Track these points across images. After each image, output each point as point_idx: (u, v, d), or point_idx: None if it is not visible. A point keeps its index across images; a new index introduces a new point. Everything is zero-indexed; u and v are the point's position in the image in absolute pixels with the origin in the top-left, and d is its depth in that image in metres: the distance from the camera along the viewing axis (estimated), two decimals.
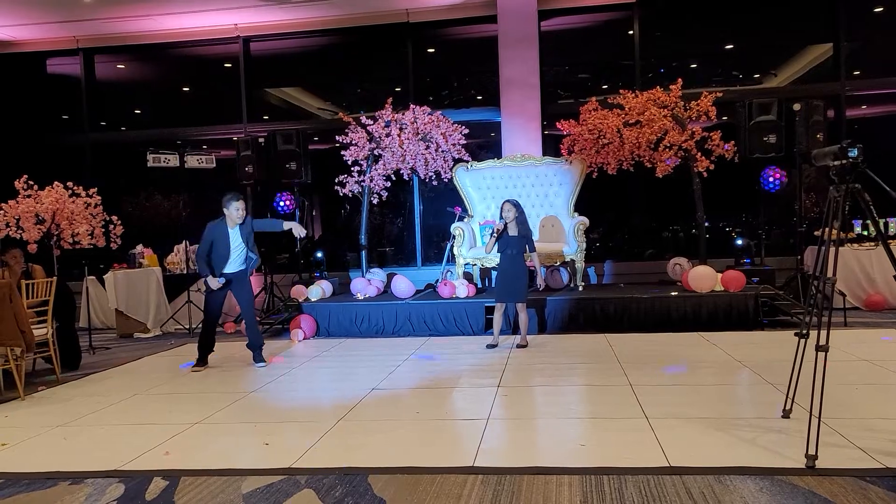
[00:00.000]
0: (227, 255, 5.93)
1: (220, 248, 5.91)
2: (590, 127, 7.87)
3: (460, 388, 5.07)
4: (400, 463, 3.42)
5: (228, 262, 5.95)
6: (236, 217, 5.88)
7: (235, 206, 5.87)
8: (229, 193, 5.94)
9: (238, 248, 5.96)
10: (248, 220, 6.00)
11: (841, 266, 3.06)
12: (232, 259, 5.96)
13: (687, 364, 5.47)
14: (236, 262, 5.99)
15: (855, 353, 5.49)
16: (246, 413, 4.58)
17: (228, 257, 5.94)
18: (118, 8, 9.31)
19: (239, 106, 10.37)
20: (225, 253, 5.92)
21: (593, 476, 3.15)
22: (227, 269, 5.97)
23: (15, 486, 3.38)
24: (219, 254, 5.92)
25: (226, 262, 5.94)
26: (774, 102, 7.84)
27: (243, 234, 5.95)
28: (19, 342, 5.17)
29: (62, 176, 7.90)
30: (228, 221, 5.92)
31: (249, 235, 6.00)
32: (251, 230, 6.01)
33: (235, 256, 5.97)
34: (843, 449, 3.35)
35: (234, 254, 5.95)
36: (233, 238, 5.93)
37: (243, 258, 6.01)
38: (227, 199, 5.89)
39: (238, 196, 5.93)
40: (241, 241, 5.95)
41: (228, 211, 5.88)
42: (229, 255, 5.94)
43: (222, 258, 5.93)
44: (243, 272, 6.06)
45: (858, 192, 3.35)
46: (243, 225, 5.95)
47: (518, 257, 6.28)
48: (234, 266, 6.00)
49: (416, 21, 9.80)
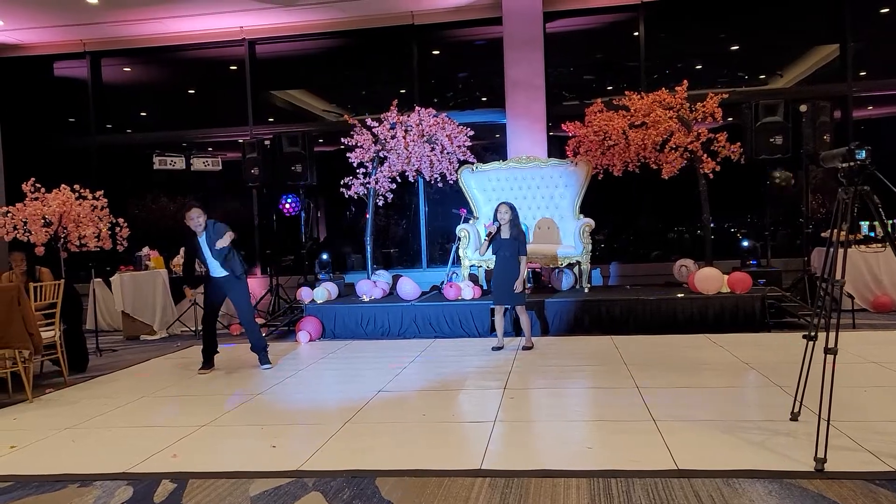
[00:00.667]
0: (205, 262, 6.08)
1: (199, 255, 6.08)
2: (595, 128, 7.87)
3: (466, 390, 5.07)
4: (407, 465, 3.42)
5: (210, 267, 6.08)
6: (194, 227, 5.97)
7: (190, 216, 5.97)
8: (188, 204, 6.12)
9: (209, 255, 6.03)
10: (211, 224, 6.02)
11: (849, 268, 3.04)
12: (212, 265, 6.07)
13: (694, 366, 5.46)
14: (218, 268, 6.06)
15: (863, 356, 5.47)
16: (253, 415, 4.59)
17: (207, 264, 6.08)
18: (125, 11, 9.35)
19: (244, 108, 10.40)
20: (203, 260, 6.08)
21: (601, 479, 3.15)
22: (212, 273, 6.09)
23: (24, 489, 3.39)
24: (202, 261, 6.10)
25: (209, 267, 6.09)
26: (781, 104, 7.82)
27: (209, 242, 5.99)
28: (27, 344, 5.18)
29: (69, 178, 7.91)
30: (197, 231, 6.00)
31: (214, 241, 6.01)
32: (216, 236, 5.99)
33: (213, 263, 6.05)
34: (853, 452, 3.33)
35: (210, 261, 6.05)
36: (203, 246, 6.03)
37: (220, 264, 6.04)
38: (185, 210, 6.05)
39: (193, 205, 6.05)
40: (209, 251, 5.99)
41: (186, 221, 5.99)
42: (207, 262, 6.07)
43: (205, 265, 6.10)
44: (230, 277, 6.07)
45: (867, 194, 3.34)
46: (209, 231, 5.99)
47: (512, 259, 6.27)
48: (217, 272, 6.08)
49: (421, 23, 9.82)
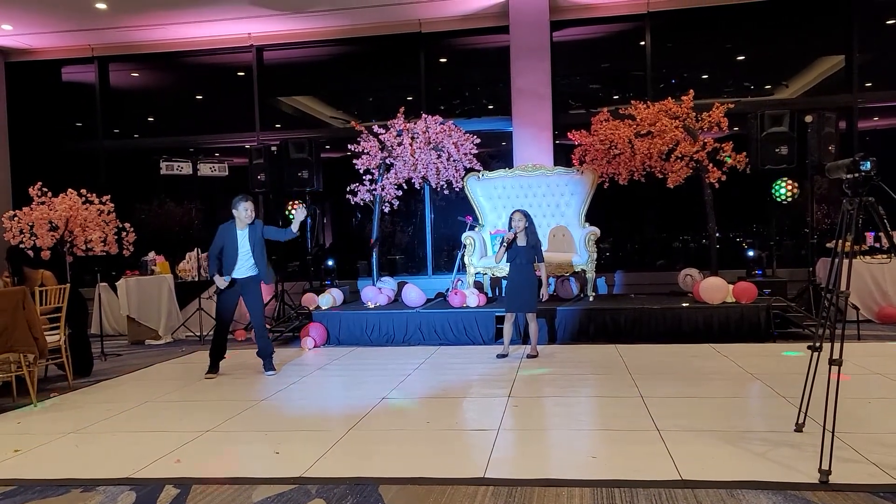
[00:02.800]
0: (235, 258, 5.93)
1: (229, 250, 5.93)
2: (601, 137, 7.87)
3: (471, 398, 5.07)
4: (411, 473, 3.42)
5: (237, 265, 5.95)
6: (245, 217, 5.90)
7: (244, 206, 5.89)
8: (239, 195, 5.99)
9: (246, 253, 5.96)
10: (259, 223, 6.00)
11: (853, 279, 3.03)
12: (240, 263, 5.95)
13: (698, 376, 5.44)
14: (245, 267, 5.97)
15: (868, 367, 5.45)
16: (257, 421, 4.59)
17: (237, 260, 5.94)
18: (133, 17, 9.42)
19: (252, 114, 10.44)
20: (233, 255, 5.92)
21: (605, 489, 3.14)
22: (235, 273, 5.96)
23: (27, 493, 3.39)
24: (228, 256, 5.94)
25: (234, 265, 5.94)
26: (786, 114, 7.81)
27: (252, 239, 5.94)
28: (32, 349, 5.20)
29: (76, 183, 7.96)
30: (238, 223, 5.94)
31: (259, 242, 5.98)
32: (261, 235, 6.00)
33: (244, 261, 5.96)
34: (857, 464, 3.32)
35: (242, 258, 5.94)
36: (241, 241, 5.93)
37: (252, 264, 6.00)
38: (237, 200, 5.93)
39: (247, 197, 5.96)
40: (248, 247, 5.94)
41: (237, 211, 5.91)
42: (237, 258, 5.93)
43: (231, 261, 5.93)
44: (253, 279, 6.03)
45: (872, 205, 3.34)
46: (253, 227, 5.95)
47: (528, 267, 6.28)
48: (243, 271, 5.98)
49: (428, 31, 9.86)
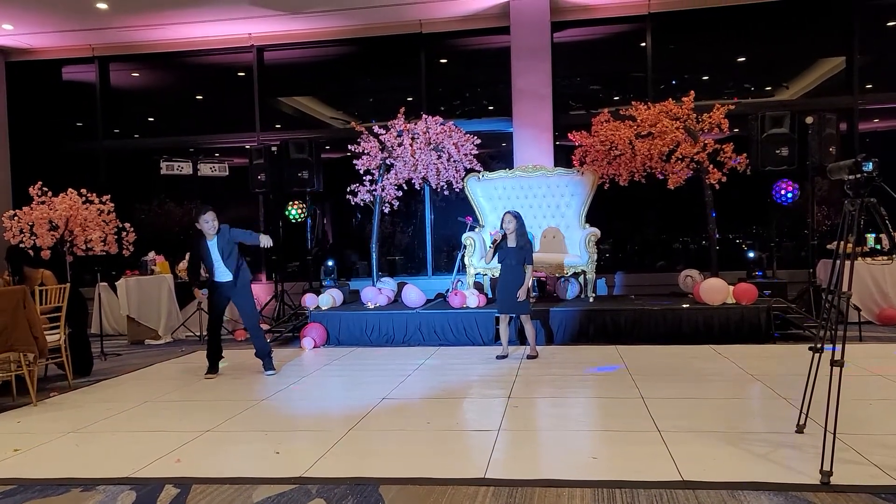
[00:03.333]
0: (211, 266, 6.04)
1: (205, 259, 6.06)
2: (602, 138, 7.87)
3: (471, 398, 5.07)
4: (411, 473, 3.42)
5: (216, 272, 6.06)
6: (209, 229, 5.95)
7: (204, 219, 5.94)
8: (201, 207, 6.05)
9: (218, 260, 6.02)
10: (225, 229, 6.03)
11: (854, 280, 3.02)
12: (218, 269, 6.05)
13: (699, 377, 5.44)
14: (224, 272, 6.05)
15: (869, 368, 5.45)
16: (257, 421, 4.58)
17: (214, 268, 6.04)
18: (134, 17, 9.41)
19: (252, 114, 10.44)
20: (210, 264, 6.05)
21: (605, 489, 3.13)
22: (217, 277, 6.07)
23: (27, 493, 3.39)
24: (207, 266, 6.07)
25: (214, 271, 6.06)
26: (787, 115, 7.81)
27: (220, 245, 5.99)
28: (32, 348, 5.19)
29: (76, 183, 7.96)
30: (206, 235, 5.99)
31: (228, 245, 6.01)
32: (229, 239, 6.02)
33: (219, 267, 6.04)
34: (858, 465, 3.32)
35: (217, 265, 6.03)
36: (212, 249, 6.01)
37: (225, 269, 6.04)
38: (197, 213, 6.02)
39: (207, 208, 6.00)
40: (218, 254, 5.99)
41: (199, 224, 5.97)
42: (213, 266, 6.04)
43: (211, 269, 6.06)
44: (234, 282, 6.07)
45: (874, 206, 3.34)
46: (220, 235, 5.99)
47: (517, 268, 6.27)
48: (223, 276, 6.06)
49: (428, 32, 9.86)
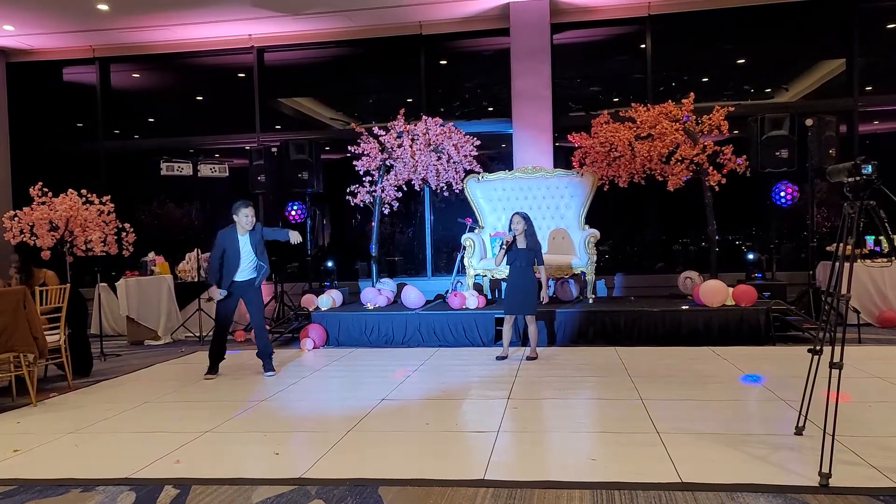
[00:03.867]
0: (237, 262, 5.95)
1: (230, 255, 5.94)
2: (601, 140, 7.88)
3: (470, 399, 5.07)
4: (410, 475, 3.42)
5: (239, 269, 5.97)
6: (245, 223, 5.91)
7: (244, 213, 5.90)
8: (239, 200, 5.98)
9: (248, 256, 5.98)
10: (259, 227, 6.01)
11: (853, 282, 3.02)
12: (242, 267, 5.98)
13: (698, 379, 5.44)
14: (247, 270, 6.01)
15: (868, 370, 5.45)
16: (256, 422, 4.59)
17: (239, 265, 5.96)
18: (134, 18, 9.42)
19: (252, 115, 10.45)
20: (236, 260, 5.95)
21: (604, 491, 3.14)
22: (237, 276, 5.99)
23: (27, 493, 3.39)
24: (230, 261, 5.95)
25: (237, 269, 5.96)
26: (787, 117, 7.82)
27: (253, 242, 5.96)
28: (32, 348, 5.20)
29: (77, 183, 7.97)
30: (238, 228, 5.94)
31: (259, 243, 6.01)
32: (261, 237, 6.03)
33: (246, 264, 5.99)
34: (857, 467, 3.32)
35: (244, 261, 5.97)
36: (242, 245, 5.95)
37: (254, 266, 6.03)
38: (237, 206, 5.93)
39: (247, 203, 5.96)
40: (250, 249, 5.97)
41: (238, 217, 5.92)
42: (240, 262, 5.96)
43: (233, 265, 5.95)
44: (253, 280, 6.07)
45: (873, 209, 3.34)
46: (253, 232, 5.96)
47: (527, 269, 6.28)
48: (245, 274, 6.02)
49: (428, 33, 9.87)
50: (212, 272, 6.05)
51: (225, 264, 5.96)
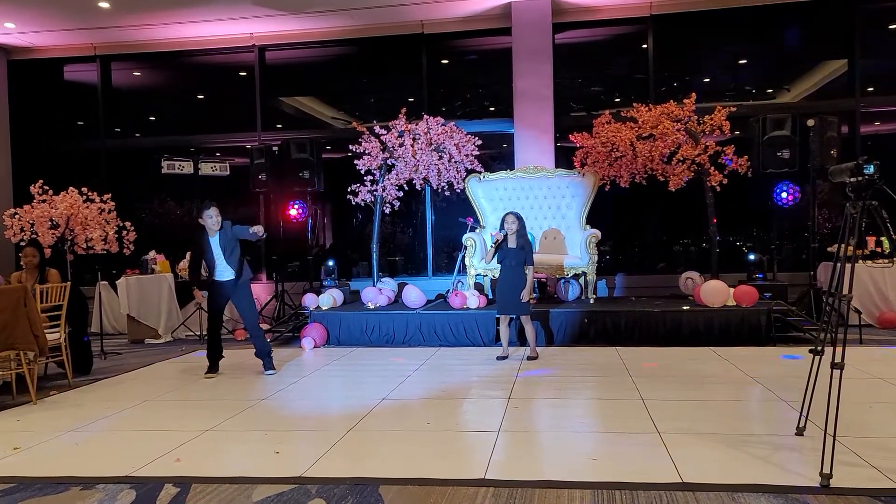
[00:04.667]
0: (213, 263, 6.02)
1: (207, 256, 6.02)
2: (603, 140, 7.87)
3: (471, 399, 5.07)
4: (411, 474, 3.42)
5: (217, 270, 6.04)
6: (212, 224, 5.94)
7: (208, 214, 5.93)
8: (204, 202, 6.04)
9: (220, 257, 6.01)
10: (227, 226, 6.02)
11: (855, 283, 3.02)
12: (219, 268, 6.03)
13: (699, 379, 5.44)
14: (225, 271, 6.04)
15: (869, 371, 5.45)
16: (256, 421, 4.58)
17: (216, 265, 6.03)
18: (136, 16, 9.42)
19: (253, 114, 10.45)
20: (212, 261, 6.02)
21: (605, 491, 3.13)
22: (217, 276, 6.06)
23: (27, 491, 3.39)
24: (208, 263, 6.04)
25: (214, 269, 6.04)
26: (788, 118, 7.82)
27: (222, 243, 5.98)
28: (32, 346, 5.19)
29: (77, 181, 7.95)
30: (208, 230, 5.98)
31: (230, 242, 6.01)
32: (231, 237, 6.02)
33: (221, 265, 6.03)
34: (858, 468, 3.31)
35: (219, 262, 6.02)
36: (214, 246, 6.00)
37: (227, 266, 6.04)
38: (201, 209, 5.99)
39: (210, 204, 5.99)
40: (220, 251, 5.98)
41: (203, 220, 5.96)
42: (215, 263, 6.02)
43: (211, 266, 6.04)
44: (235, 281, 6.06)
45: (875, 209, 3.34)
46: (223, 231, 5.99)
47: (518, 269, 6.27)
48: (224, 275, 6.05)
49: (430, 32, 9.87)
50: (192, 275, 6.22)
51: (208, 266, 6.06)
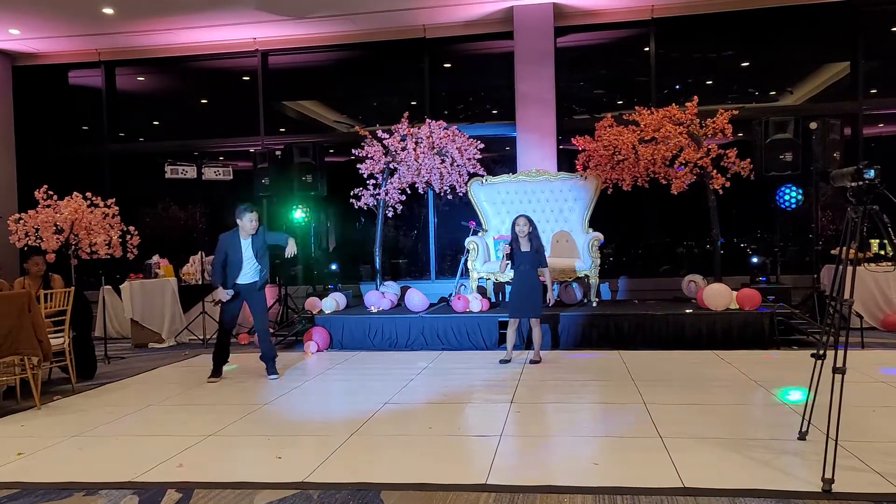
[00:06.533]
0: (239, 265, 5.96)
1: (233, 258, 5.95)
2: (605, 143, 7.88)
3: (473, 403, 5.07)
4: (412, 479, 3.42)
5: (241, 272, 5.98)
6: (249, 228, 5.92)
7: (249, 217, 5.90)
8: (243, 204, 5.98)
9: (250, 260, 5.99)
10: (262, 231, 6.03)
11: (858, 286, 3.02)
12: (245, 270, 5.99)
13: (701, 383, 5.43)
14: (249, 274, 6.02)
15: (872, 375, 5.44)
16: (259, 426, 4.59)
17: (241, 268, 5.98)
18: (139, 22, 9.46)
19: (256, 119, 10.47)
20: (238, 264, 5.96)
21: (607, 495, 3.13)
22: (240, 279, 6.00)
23: (30, 496, 3.40)
24: (232, 264, 5.96)
25: (239, 272, 5.98)
26: (791, 120, 7.81)
27: (255, 246, 5.97)
28: (36, 351, 5.20)
29: (81, 186, 7.98)
30: (241, 232, 5.95)
31: (262, 247, 6.02)
32: (264, 242, 6.04)
33: (248, 268, 6.00)
34: (860, 473, 3.31)
35: (246, 265, 5.98)
36: (245, 249, 5.96)
37: (256, 269, 6.04)
38: (241, 210, 5.93)
39: (252, 207, 5.96)
40: (252, 253, 5.98)
41: (242, 222, 5.92)
42: (242, 265, 5.97)
43: (236, 269, 5.97)
44: (255, 284, 6.07)
45: (876, 213, 3.33)
46: (256, 236, 5.98)
47: (532, 272, 6.28)
48: (248, 277, 6.02)
49: (432, 37, 9.88)
50: (215, 274, 6.04)
51: (228, 268, 5.98)
